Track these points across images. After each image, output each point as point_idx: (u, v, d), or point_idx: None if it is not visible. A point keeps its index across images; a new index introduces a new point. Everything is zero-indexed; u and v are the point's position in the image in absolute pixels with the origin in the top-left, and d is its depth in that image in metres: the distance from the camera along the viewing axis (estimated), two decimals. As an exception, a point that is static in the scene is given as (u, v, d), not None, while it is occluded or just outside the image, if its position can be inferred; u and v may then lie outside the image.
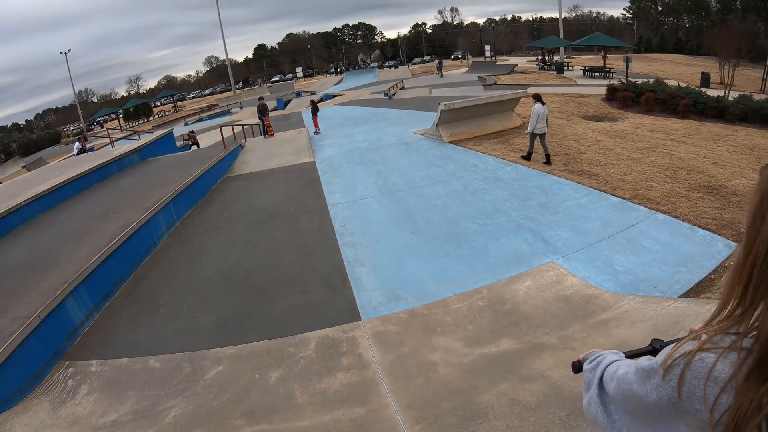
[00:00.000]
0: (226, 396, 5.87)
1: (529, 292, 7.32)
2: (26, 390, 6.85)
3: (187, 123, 47.42)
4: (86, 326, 8.35)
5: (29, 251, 10.59)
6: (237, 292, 8.72)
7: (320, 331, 6.97)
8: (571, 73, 40.02)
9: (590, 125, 18.71)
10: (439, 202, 11.35)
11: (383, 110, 28.94)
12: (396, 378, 5.59)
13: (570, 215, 9.96)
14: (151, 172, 16.79)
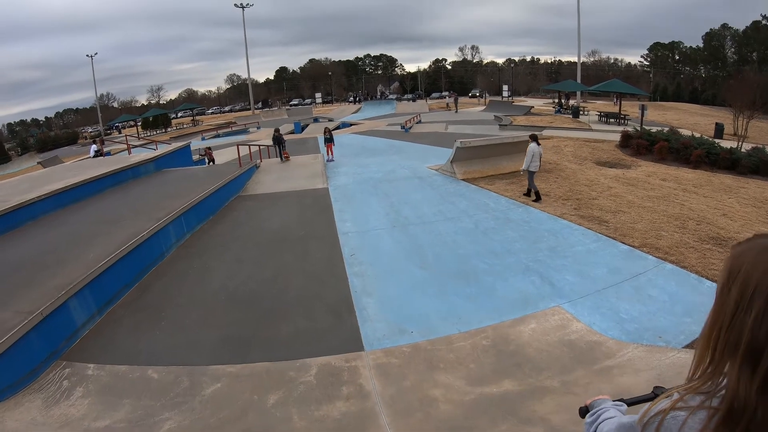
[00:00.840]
0: (223, 414, 5.82)
1: (534, 334, 7.28)
2: (20, 385, 6.80)
3: (204, 137, 47.91)
4: (87, 329, 8.33)
5: (39, 248, 10.62)
6: (242, 311, 8.70)
7: (323, 357, 6.93)
8: (587, 117, 40.10)
9: (603, 171, 18.73)
10: (450, 239, 11.35)
11: (399, 143, 29.13)
12: (396, 411, 5.54)
13: (578, 260, 9.94)
14: (165, 183, 16.93)
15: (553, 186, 15.85)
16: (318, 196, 16.02)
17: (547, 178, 16.78)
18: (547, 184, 15.96)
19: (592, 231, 11.41)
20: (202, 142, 40.83)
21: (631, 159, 21.67)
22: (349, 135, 35.93)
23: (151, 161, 19.33)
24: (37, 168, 35.19)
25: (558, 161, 20.08)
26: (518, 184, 15.99)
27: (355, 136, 34.79)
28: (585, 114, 41.97)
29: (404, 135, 32.86)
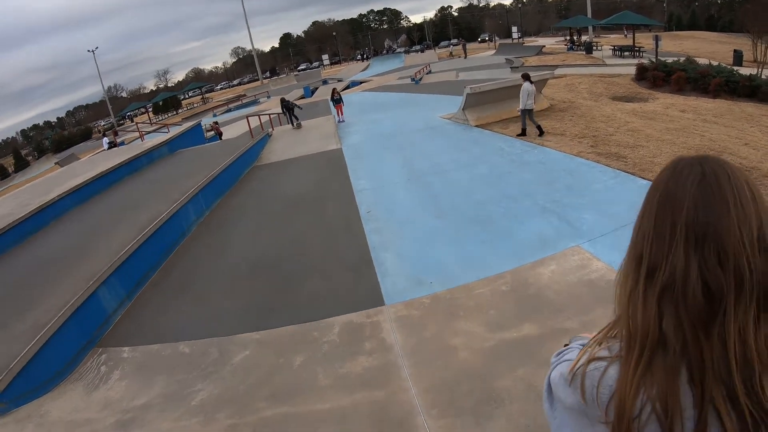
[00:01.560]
0: (251, 379, 5.99)
1: (553, 276, 7.21)
2: (62, 376, 7.11)
3: (215, 114, 48.00)
4: (119, 314, 8.58)
5: (63, 244, 10.92)
6: (264, 278, 8.85)
7: (344, 316, 7.04)
8: (600, 53, 39.12)
9: (619, 106, 18.31)
10: (465, 186, 11.29)
11: (410, 95, 28.81)
12: (417, 362, 5.62)
13: (597, 198, 9.74)
14: (180, 164, 17.09)
15: (569, 124, 15.53)
16: (332, 157, 16.05)
17: (562, 117, 16.48)
18: (563, 123, 15.67)
19: (610, 168, 11.13)
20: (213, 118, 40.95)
21: (647, 92, 21.14)
22: (360, 93, 35.68)
23: (164, 144, 19.47)
24: (55, 168, 35.71)
25: (573, 99, 19.66)
26: (532, 126, 15.75)
27: (365, 94, 34.53)
28: (598, 49, 40.93)
29: (415, 87, 32.52)
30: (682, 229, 1.08)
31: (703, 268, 1.04)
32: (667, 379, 1.04)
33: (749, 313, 1.01)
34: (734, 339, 1.00)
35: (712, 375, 1.01)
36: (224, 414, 5.29)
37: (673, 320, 1.06)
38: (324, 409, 5.01)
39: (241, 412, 5.24)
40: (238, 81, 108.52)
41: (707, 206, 1.07)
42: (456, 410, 4.55)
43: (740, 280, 1.01)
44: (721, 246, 1.03)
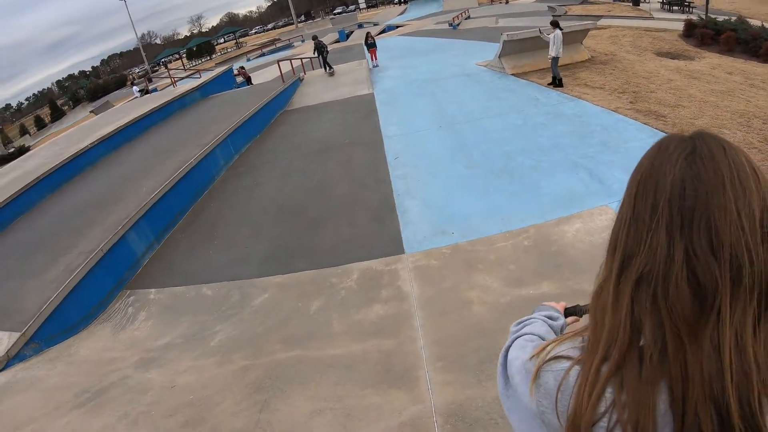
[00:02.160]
0: (269, 322, 6.11)
1: (578, 235, 7.02)
2: (91, 317, 7.40)
3: (249, 59, 47.76)
4: (147, 257, 8.82)
5: (95, 191, 11.19)
6: (289, 223, 8.94)
7: (364, 262, 7.07)
8: (648, 5, 37.16)
9: (663, 62, 17.44)
10: (497, 136, 11.02)
11: (446, 41, 28.07)
12: (430, 313, 5.61)
13: (631, 157, 9.20)
14: (210, 109, 17.12)
15: (609, 78, 14.86)
16: (363, 102, 15.84)
17: (602, 70, 15.83)
18: (603, 77, 15.05)
19: (648, 126, 10.59)
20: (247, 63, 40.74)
21: (694, 50, 20.00)
22: (395, 38, 34.96)
23: (195, 90, 19.50)
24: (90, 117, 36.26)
25: (615, 52, 18.80)
26: (571, 77, 15.14)
27: (400, 38, 33.82)
28: (646, 1, 38.96)
29: (452, 32, 31.69)
30: (664, 208, 0.87)
31: (691, 255, 0.83)
32: (641, 395, 0.83)
33: (748, 313, 0.80)
34: (730, 346, 0.79)
35: (700, 391, 0.80)
36: (239, 355, 5.41)
37: (651, 320, 0.85)
38: (335, 355, 5.07)
39: (255, 354, 5.35)
40: (273, 25, 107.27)
41: (697, 180, 0.85)
42: (460, 366, 4.54)
43: (738, 271, 0.80)
44: (713, 228, 0.82)
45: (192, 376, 5.19)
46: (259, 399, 4.52)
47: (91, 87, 76.78)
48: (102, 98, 57.86)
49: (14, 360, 6.46)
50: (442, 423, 3.88)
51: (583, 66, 16.49)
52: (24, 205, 11.69)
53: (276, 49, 50.72)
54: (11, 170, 15.42)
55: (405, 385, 4.42)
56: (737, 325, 0.79)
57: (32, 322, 6.72)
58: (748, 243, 0.80)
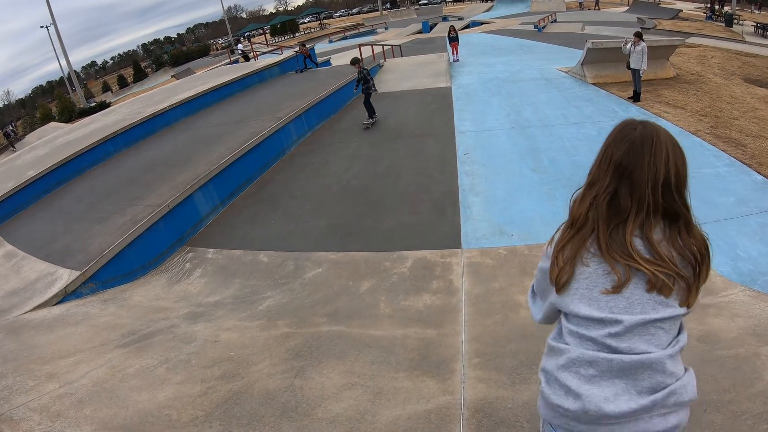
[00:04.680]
0: (318, 296, 6.18)
1: (639, 253, 6.80)
2: (149, 267, 7.73)
3: (331, 40, 48.42)
4: (211, 219, 9.12)
5: (169, 150, 11.67)
6: (351, 203, 9.03)
7: (419, 251, 7.04)
8: (741, 27, 35.47)
9: (750, 89, 16.53)
10: (569, 144, 10.75)
11: (530, 42, 27.73)
12: (477, 310, 5.54)
13: (704, 183, 8.80)
14: (288, 85, 17.43)
15: (692, 99, 14.21)
16: (439, 95, 15.73)
17: (686, 90, 15.17)
18: (686, 97, 14.42)
19: (726, 153, 10.04)
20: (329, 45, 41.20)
21: None
22: (478, 34, 34.70)
23: (275, 65, 19.90)
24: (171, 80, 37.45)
25: (702, 73, 17.98)
26: (653, 93, 14.57)
27: (484, 35, 33.56)
28: (740, 24, 37.09)
29: (536, 35, 31.24)
30: (612, 166, 1.66)
31: (619, 192, 1.64)
32: (579, 241, 1.68)
33: (649, 220, 1.62)
34: (630, 232, 1.60)
35: (613, 245, 1.62)
36: (284, 322, 5.48)
37: (593, 215, 1.66)
38: (376, 335, 5.08)
39: (299, 323, 5.42)
40: (357, 10, 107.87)
41: (631, 155, 1.63)
42: (496, 365, 4.45)
43: (640, 204, 1.61)
44: (632, 182, 1.62)
45: (235, 334, 5.31)
46: (296, 365, 4.57)
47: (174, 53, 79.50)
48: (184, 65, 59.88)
49: (70, 296, 6.82)
50: (468, 416, 3.82)
51: (667, 83, 15.84)
52: (101, 155, 12.28)
53: (358, 33, 51.21)
54: (92, 122, 16.23)
55: (439, 375, 4.39)
56: (638, 225, 1.61)
57: (93, 263, 7.08)
58: (649, 193, 1.60)
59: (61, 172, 11.67)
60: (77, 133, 14.82)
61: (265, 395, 4.17)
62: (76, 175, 11.74)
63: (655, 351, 1.58)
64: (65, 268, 7.20)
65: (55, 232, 8.79)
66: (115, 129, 13.06)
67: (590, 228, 1.66)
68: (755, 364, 4.26)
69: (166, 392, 4.27)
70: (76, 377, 4.56)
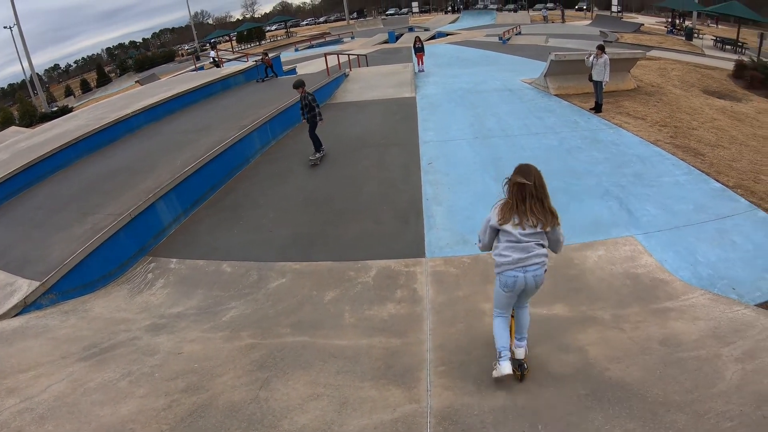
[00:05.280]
0: (282, 306, 6.21)
1: (599, 262, 6.98)
2: (111, 277, 7.63)
3: (297, 49, 48.28)
4: (173, 228, 9.04)
5: (132, 157, 11.51)
6: (315, 212, 9.05)
7: (383, 261, 7.13)
8: (701, 41, 36.58)
9: (709, 101, 17.12)
10: (531, 154, 10.93)
11: (494, 54, 28.14)
12: (441, 319, 5.65)
13: (663, 191, 9.19)
14: (253, 94, 17.38)
15: (652, 110, 14.65)
16: (404, 105, 15.86)
17: (647, 101, 15.63)
18: (646, 108, 14.86)
19: (684, 162, 10.40)
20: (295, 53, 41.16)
21: (742, 92, 19.59)
22: (444, 45, 35.11)
23: (240, 73, 19.80)
24: (135, 86, 36.92)
25: (662, 85, 18.53)
26: (614, 105, 14.96)
27: (449, 46, 33.94)
28: (699, 37, 38.26)
29: (501, 46, 31.69)
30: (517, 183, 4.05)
31: (524, 191, 3.98)
32: (509, 210, 4.05)
33: (535, 201, 4.00)
34: (529, 207, 3.99)
35: (524, 212, 4.00)
36: (248, 333, 5.51)
37: (514, 198, 4.02)
38: (340, 345, 5.14)
39: (264, 334, 5.45)
40: (324, 19, 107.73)
41: (528, 177, 3.98)
42: (462, 373, 4.55)
43: (531, 196, 3.98)
44: (528, 190, 3.96)
45: (199, 346, 5.30)
46: (261, 377, 4.60)
47: (139, 58, 78.07)
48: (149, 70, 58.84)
49: (30, 307, 6.68)
50: (435, 424, 3.91)
51: (628, 95, 16.30)
52: (62, 161, 12.05)
53: (325, 42, 51.17)
54: (53, 128, 15.90)
55: (404, 384, 4.46)
56: (531, 204, 4.00)
57: (53, 273, 6.95)
58: (534, 193, 4.01)
59: (21, 178, 11.36)
60: (38, 138, 14.50)
61: (230, 408, 4.19)
62: (37, 182, 11.46)
63: (533, 245, 4.09)
64: (24, 279, 7.04)
65: (14, 241, 8.56)
66: (78, 135, 12.83)
67: (513, 204, 4.01)
68: (716, 365, 4.46)
69: (129, 406, 4.25)
70: (37, 392, 4.50)
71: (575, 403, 4.19)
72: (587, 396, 4.25)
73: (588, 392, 4.30)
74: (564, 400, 4.24)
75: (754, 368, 4.40)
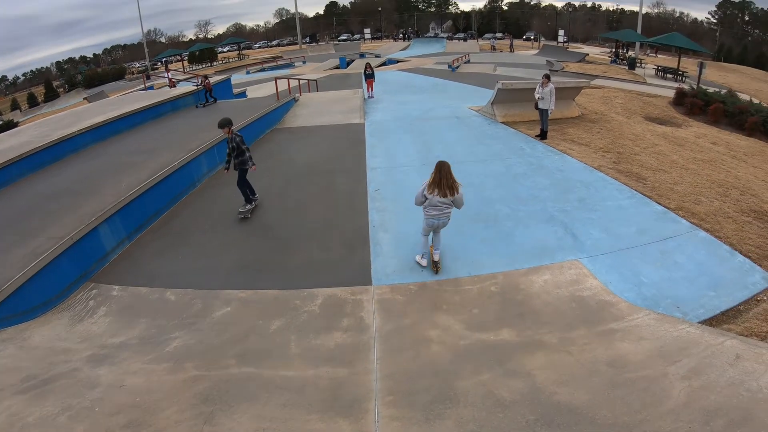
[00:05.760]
0: (227, 336, 6.11)
1: (545, 286, 7.17)
2: (50, 304, 7.32)
3: (249, 71, 48.10)
4: (116, 253, 8.78)
5: (75, 178, 11.12)
6: (261, 239, 8.97)
7: (330, 289, 7.13)
8: (643, 70, 38.21)
9: (651, 127, 17.88)
10: (477, 181, 11.18)
11: (443, 81, 28.66)
12: (388, 347, 5.67)
13: (607, 215, 9.57)
14: (202, 116, 17.18)
15: (596, 137, 15.24)
16: (352, 131, 15.98)
17: (590, 128, 16.22)
18: (590, 134, 15.42)
19: (627, 187, 10.92)
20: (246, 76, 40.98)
21: (682, 118, 20.57)
22: (394, 72, 35.45)
23: (189, 95, 19.56)
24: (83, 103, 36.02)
25: (605, 112, 19.28)
26: (559, 132, 15.48)
27: (400, 73, 34.31)
28: (642, 66, 39.99)
29: (450, 74, 32.27)
30: (437, 169, 7.17)
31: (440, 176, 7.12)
32: (432, 187, 7.14)
33: (446, 183, 7.10)
34: (443, 186, 7.09)
35: (440, 188, 7.11)
36: (192, 364, 5.39)
37: (435, 180, 7.13)
38: (287, 376, 5.08)
39: (208, 366, 5.34)
40: (277, 42, 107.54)
41: (442, 170, 7.14)
42: (410, 402, 4.58)
43: (444, 180, 7.13)
44: (443, 175, 7.11)
45: (141, 378, 5.16)
46: (205, 410, 4.51)
47: (89, 74, 76.23)
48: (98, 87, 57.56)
49: (-35, 336, 6.36)
50: (383, 457, 3.91)
51: (573, 122, 16.92)
52: (3, 180, 11.57)
53: (276, 66, 51.10)
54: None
55: (352, 415, 4.45)
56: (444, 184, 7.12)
57: (-10, 300, 6.63)
58: (446, 178, 7.15)
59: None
60: (-21, 155, 13.96)
61: (173, 444, 4.09)
62: (-27, 202, 11.03)
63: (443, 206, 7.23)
64: (-41, 306, 6.74)
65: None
66: (21, 152, 12.35)
67: (435, 184, 7.07)
68: (663, 384, 4.60)
69: (67, 444, 4.11)
70: (-30, 428, 4.31)
71: (524, 428, 4.25)
72: (536, 421, 4.32)
73: (537, 417, 4.37)
74: (512, 426, 4.30)
75: (700, 385, 4.57)
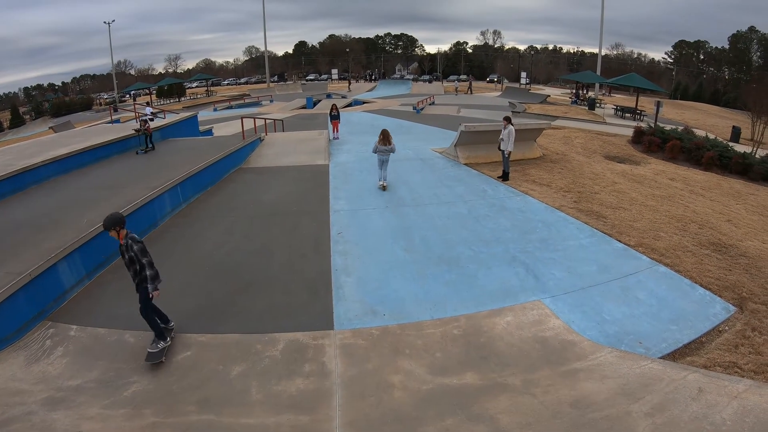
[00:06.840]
0: (187, 381, 6.01)
1: (508, 328, 7.25)
2: (6, 342, 7.07)
3: (216, 108, 48.03)
4: (75, 291, 8.58)
5: (36, 211, 10.90)
6: (222, 281, 8.86)
7: (291, 333, 7.08)
8: (602, 110, 39.52)
9: (610, 166, 18.50)
10: (440, 223, 11.39)
11: (408, 123, 29.15)
12: (351, 393, 5.66)
13: (569, 255, 9.82)
14: (167, 153, 17.13)
15: (557, 177, 15.76)
16: (317, 172, 16.11)
17: (551, 168, 16.70)
18: (551, 175, 15.89)
19: (588, 226, 11.25)
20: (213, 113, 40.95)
21: (641, 155, 21.37)
22: (360, 113, 35.88)
23: (156, 130, 19.46)
24: (48, 133, 35.46)
25: (566, 152, 19.91)
26: (521, 173, 15.91)
27: (366, 114, 34.75)
28: (601, 107, 41.41)
29: (415, 116, 32.80)
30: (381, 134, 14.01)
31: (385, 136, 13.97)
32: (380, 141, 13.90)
33: (388, 140, 13.90)
34: (386, 141, 13.80)
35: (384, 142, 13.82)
36: (151, 411, 5.30)
37: (380, 138, 13.90)
38: (247, 424, 5.03)
39: (167, 412, 5.25)
40: (246, 80, 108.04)
41: (386, 134, 14.01)
42: (372, 451, 4.57)
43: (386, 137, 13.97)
44: (386, 136, 13.99)
45: (98, 424, 5.04)
46: (163, 460, 4.44)
47: (56, 102, 75.37)
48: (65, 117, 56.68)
49: None
50: None
51: (535, 163, 17.44)
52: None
53: (244, 104, 51.18)
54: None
55: (314, 464, 4.42)
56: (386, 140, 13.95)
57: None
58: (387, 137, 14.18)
59: None
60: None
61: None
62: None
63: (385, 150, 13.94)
64: None
65: None
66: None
67: (381, 140, 13.80)
68: (627, 423, 4.68)
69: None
70: None
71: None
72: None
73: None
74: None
75: (664, 421, 4.67)
